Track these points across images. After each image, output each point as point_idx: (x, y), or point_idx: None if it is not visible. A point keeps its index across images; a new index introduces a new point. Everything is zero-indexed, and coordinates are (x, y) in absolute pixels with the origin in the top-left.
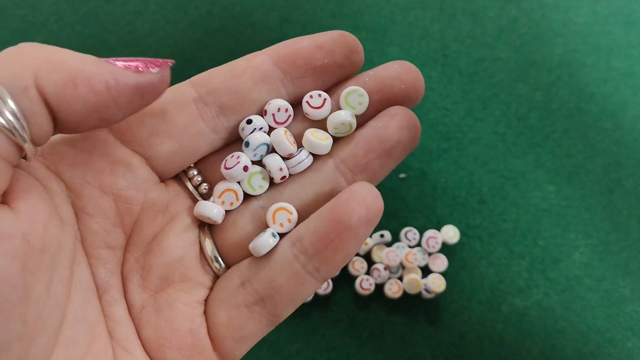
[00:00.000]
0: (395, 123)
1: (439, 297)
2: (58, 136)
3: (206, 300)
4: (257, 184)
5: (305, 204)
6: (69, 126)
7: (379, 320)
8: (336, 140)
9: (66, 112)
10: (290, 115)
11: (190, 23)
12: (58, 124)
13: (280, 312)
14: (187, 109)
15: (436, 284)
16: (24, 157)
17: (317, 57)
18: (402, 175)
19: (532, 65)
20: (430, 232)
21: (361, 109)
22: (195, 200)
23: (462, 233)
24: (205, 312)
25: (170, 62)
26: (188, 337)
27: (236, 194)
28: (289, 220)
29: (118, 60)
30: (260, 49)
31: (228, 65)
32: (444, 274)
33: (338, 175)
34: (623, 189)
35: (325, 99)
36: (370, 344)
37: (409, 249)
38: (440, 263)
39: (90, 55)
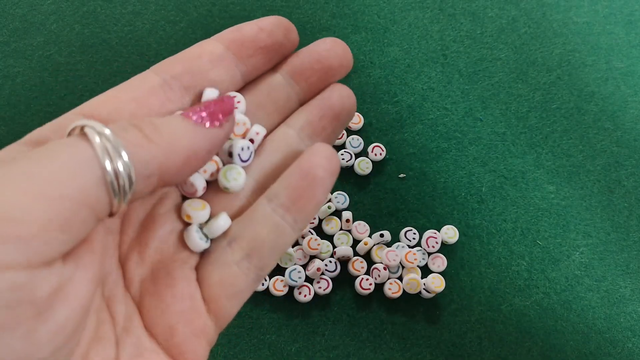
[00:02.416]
0: (337, 94)
1: (439, 296)
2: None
3: (197, 267)
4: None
5: (271, 171)
6: (165, 185)
7: (379, 319)
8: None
9: (174, 180)
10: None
11: (190, 23)
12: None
13: (265, 264)
14: (157, 93)
15: (436, 283)
16: (110, 214)
17: (261, 38)
18: (402, 175)
19: (531, 65)
20: (429, 232)
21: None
22: None
23: (462, 233)
24: (197, 276)
25: (234, 106)
26: (187, 300)
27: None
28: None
29: (204, 117)
30: None
31: (184, 52)
32: (443, 273)
33: (300, 142)
34: (623, 189)
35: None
36: (370, 344)
37: (409, 248)
38: (440, 263)
39: (186, 121)
